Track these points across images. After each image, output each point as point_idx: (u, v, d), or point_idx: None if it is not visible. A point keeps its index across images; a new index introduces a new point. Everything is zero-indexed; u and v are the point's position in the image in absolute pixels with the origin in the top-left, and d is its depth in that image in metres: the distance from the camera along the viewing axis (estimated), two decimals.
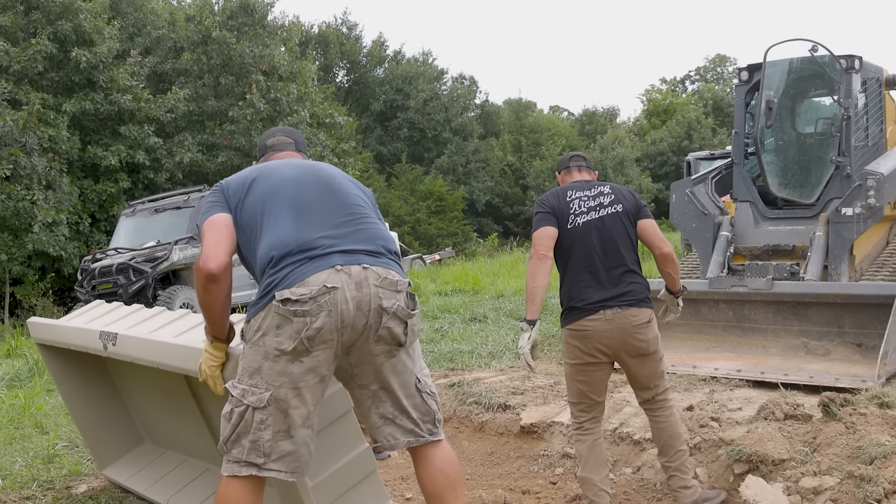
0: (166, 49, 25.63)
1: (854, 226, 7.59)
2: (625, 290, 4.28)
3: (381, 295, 3.03)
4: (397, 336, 3.10)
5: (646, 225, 4.44)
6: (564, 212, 4.39)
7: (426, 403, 3.27)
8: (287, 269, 3.00)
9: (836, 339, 6.86)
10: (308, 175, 3.30)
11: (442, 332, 9.67)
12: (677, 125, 49.13)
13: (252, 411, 2.97)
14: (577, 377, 4.40)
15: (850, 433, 4.55)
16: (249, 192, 3.23)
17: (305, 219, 3.13)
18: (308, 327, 2.92)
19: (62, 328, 4.64)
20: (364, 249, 3.10)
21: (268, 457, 2.98)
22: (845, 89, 7.99)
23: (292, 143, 3.65)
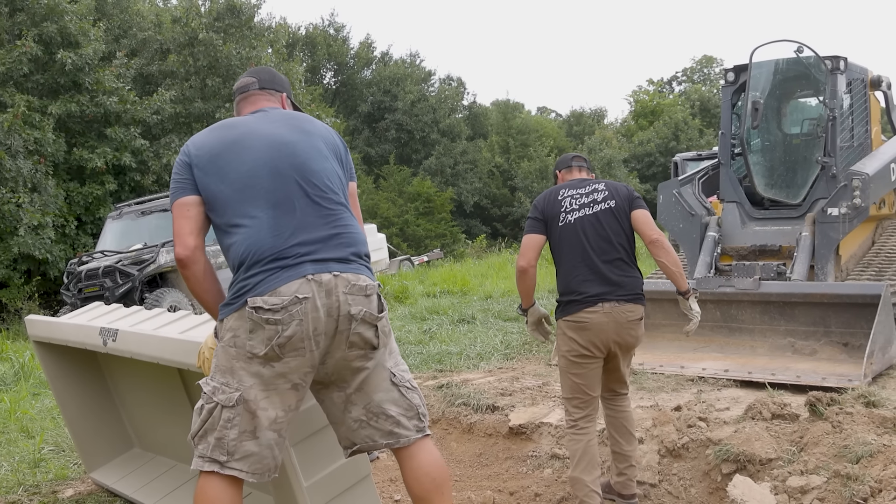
0: (152, 51, 25.49)
1: (840, 226, 7.63)
2: (623, 284, 4.37)
3: (350, 301, 3.03)
4: (369, 340, 3.11)
5: (637, 215, 4.49)
6: (555, 212, 4.46)
7: (406, 398, 3.24)
8: (259, 277, 3.00)
9: (823, 338, 6.90)
10: (284, 161, 3.16)
11: (430, 334, 9.67)
12: (664, 126, 49.21)
13: (220, 409, 3.00)
14: (573, 370, 4.42)
15: (836, 432, 4.57)
16: (219, 174, 3.13)
17: (285, 220, 3.08)
18: (279, 335, 2.95)
19: (61, 325, 4.64)
20: (335, 257, 3.08)
21: (231, 455, 2.99)
22: (830, 90, 8.04)
23: (255, 83, 3.47)
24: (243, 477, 3.01)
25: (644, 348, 7.46)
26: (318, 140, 3.29)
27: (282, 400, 3.03)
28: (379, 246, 21.07)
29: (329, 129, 3.40)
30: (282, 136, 3.23)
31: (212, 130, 3.31)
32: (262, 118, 3.32)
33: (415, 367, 7.86)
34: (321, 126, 3.39)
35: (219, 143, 3.22)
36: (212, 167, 3.17)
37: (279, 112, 3.39)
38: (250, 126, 3.27)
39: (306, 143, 3.25)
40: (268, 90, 3.49)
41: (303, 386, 3.08)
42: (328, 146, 3.31)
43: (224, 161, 3.16)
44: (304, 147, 3.22)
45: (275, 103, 3.49)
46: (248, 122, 3.31)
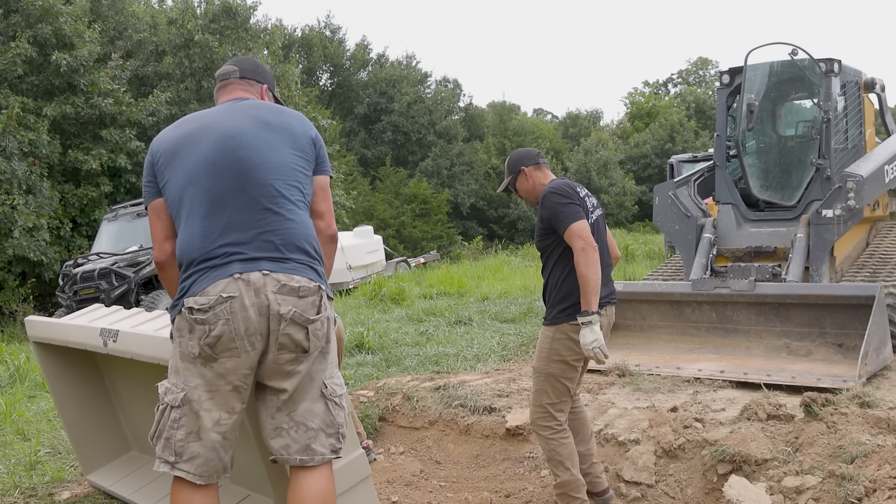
0: (148, 52, 25.47)
1: (834, 227, 7.65)
2: (613, 288, 4.54)
3: (279, 301, 2.98)
4: (299, 342, 3.03)
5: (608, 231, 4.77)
6: (585, 207, 4.39)
7: (330, 413, 3.14)
8: (192, 278, 3.03)
9: (818, 339, 6.92)
10: (226, 155, 3.12)
11: (427, 336, 9.68)
12: (660, 128, 49.33)
13: (169, 409, 3.03)
14: (569, 374, 4.39)
15: (831, 433, 4.58)
16: (171, 172, 3.17)
17: (214, 220, 3.06)
18: (207, 335, 2.95)
19: (61, 326, 4.63)
20: (267, 256, 3.03)
21: (179, 456, 3.01)
22: (825, 92, 8.06)
23: (236, 72, 3.45)
24: (190, 479, 3.01)
25: (640, 349, 7.51)
26: (278, 132, 3.22)
27: (224, 402, 3.02)
28: (375, 248, 21.09)
29: (300, 121, 3.33)
30: (231, 130, 3.18)
31: (176, 125, 3.32)
32: (227, 109, 3.29)
33: (412, 368, 7.87)
34: (291, 117, 3.31)
35: (177, 138, 3.23)
36: (167, 165, 3.20)
37: (248, 102, 3.34)
38: (209, 119, 3.25)
39: (258, 136, 3.18)
40: (247, 80, 3.47)
41: (244, 388, 3.05)
42: (289, 139, 3.23)
43: (177, 158, 3.18)
44: (251, 140, 3.16)
45: (252, 94, 3.45)
46: (210, 114, 3.29)
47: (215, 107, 3.38)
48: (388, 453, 6.16)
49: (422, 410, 6.44)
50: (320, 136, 3.37)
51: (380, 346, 9.12)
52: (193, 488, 3.02)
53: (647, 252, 20.35)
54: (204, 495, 3.04)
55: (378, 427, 6.51)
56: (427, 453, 6.12)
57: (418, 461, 6.00)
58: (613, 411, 5.77)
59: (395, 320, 11.13)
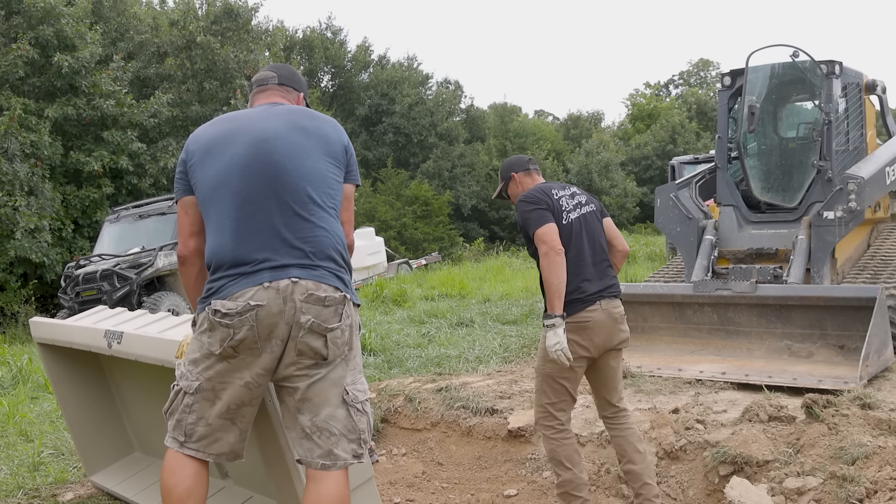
0: (149, 54, 25.46)
1: (836, 229, 7.66)
2: (610, 282, 4.49)
3: (303, 310, 3.01)
4: (317, 350, 3.06)
5: (609, 224, 4.71)
6: (557, 209, 4.44)
7: (352, 419, 3.15)
8: (222, 282, 3.07)
9: (819, 341, 6.92)
10: (259, 158, 3.15)
11: (429, 337, 9.69)
12: (661, 129, 49.25)
13: (183, 394, 3.12)
14: (564, 374, 4.38)
15: (832, 434, 4.59)
16: (203, 170, 3.20)
17: (245, 223, 3.09)
18: (231, 338, 3.01)
19: (66, 327, 4.65)
20: (297, 263, 3.06)
21: (188, 437, 3.11)
22: (826, 94, 8.07)
23: (274, 77, 3.48)
24: (200, 457, 3.12)
25: (642, 351, 7.51)
26: (312, 138, 3.23)
27: (235, 394, 3.09)
28: (377, 249, 21.11)
29: (334, 128, 3.34)
30: (266, 133, 3.20)
31: (212, 124, 3.36)
32: (264, 112, 3.32)
33: (414, 370, 7.89)
34: (325, 124, 3.33)
35: (212, 137, 3.26)
36: (200, 163, 3.23)
37: (285, 107, 3.36)
38: (244, 121, 3.28)
39: (293, 140, 3.20)
40: (286, 86, 3.50)
41: (255, 386, 3.10)
42: (323, 145, 3.25)
43: (210, 156, 3.21)
44: (285, 145, 3.18)
45: (288, 100, 3.47)
46: (247, 115, 3.32)
47: (252, 108, 3.42)
48: (391, 454, 6.18)
49: (424, 412, 6.45)
50: (351, 144, 3.40)
51: (381, 347, 9.14)
52: (187, 458, 3.11)
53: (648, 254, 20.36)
54: (194, 464, 3.12)
55: (380, 428, 6.52)
56: (429, 455, 6.13)
57: (420, 462, 6.01)
58: None
59: (397, 322, 11.15)
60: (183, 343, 3.44)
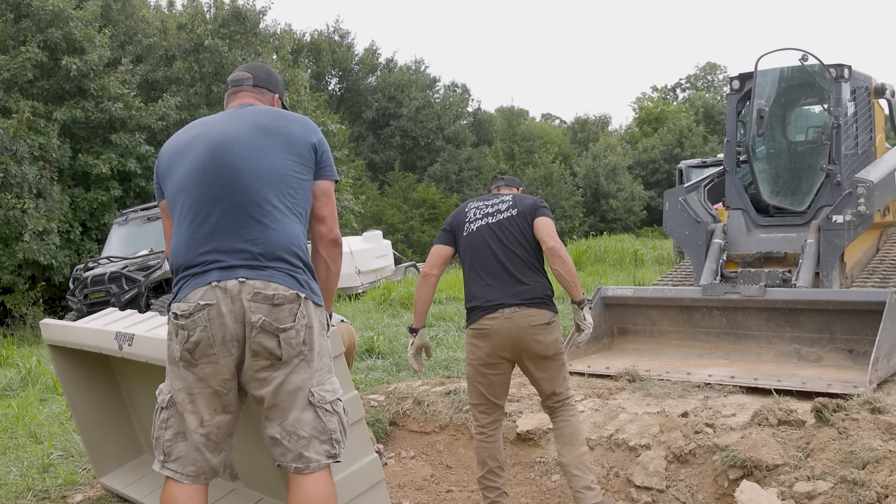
0: (158, 57, 25.55)
1: (845, 233, 7.64)
2: (523, 289, 4.37)
3: (252, 309, 3.01)
4: (271, 350, 3.04)
5: (539, 223, 4.49)
6: (461, 223, 4.59)
7: (321, 420, 3.12)
8: (178, 285, 3.14)
9: (828, 345, 6.90)
10: (216, 161, 3.15)
11: (437, 340, 9.68)
12: (669, 133, 49.23)
13: (159, 410, 3.15)
14: (478, 378, 4.49)
15: (842, 438, 4.58)
16: (170, 177, 3.27)
17: (199, 227, 3.12)
18: (187, 340, 3.03)
19: (76, 329, 4.65)
20: (245, 264, 3.06)
21: (167, 456, 3.13)
22: (835, 98, 8.05)
23: (249, 79, 3.47)
24: (177, 479, 3.12)
25: (651, 355, 7.50)
26: (273, 138, 3.21)
27: (206, 404, 3.09)
28: (384, 252, 21.10)
29: (302, 125, 3.31)
30: (224, 136, 3.20)
31: (183, 131, 3.39)
32: (229, 115, 3.33)
33: (422, 373, 7.84)
34: (291, 122, 3.30)
35: (176, 145, 3.32)
36: (167, 169, 3.30)
37: (251, 108, 3.35)
38: (206, 126, 3.31)
39: (251, 141, 3.19)
40: (260, 88, 3.49)
41: (224, 392, 3.10)
42: (284, 143, 3.22)
43: (175, 162, 3.27)
44: (242, 147, 3.17)
45: (262, 102, 3.46)
46: (210, 121, 3.35)
47: (221, 112, 3.43)
48: (399, 457, 6.18)
49: (432, 415, 6.45)
50: (325, 141, 3.36)
51: (389, 350, 9.14)
52: (181, 486, 3.12)
53: (655, 257, 20.30)
54: (190, 493, 3.12)
55: (389, 431, 6.52)
56: (438, 458, 6.13)
57: (429, 465, 6.01)
58: (624, 416, 5.76)
59: (405, 324, 11.13)
60: None
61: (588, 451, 4.57)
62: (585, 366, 7.14)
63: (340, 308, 14.15)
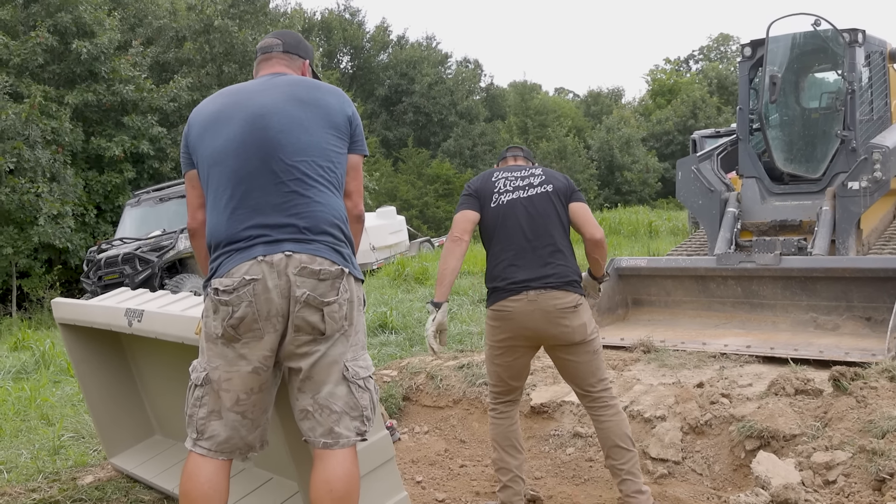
0: (168, 39, 25.54)
1: (860, 199, 7.55)
2: (551, 271, 4.08)
3: (297, 283, 2.97)
4: (314, 325, 3.01)
5: (577, 208, 4.24)
6: (488, 192, 4.27)
7: (353, 396, 3.09)
8: (219, 260, 3.07)
9: (845, 313, 6.81)
10: (255, 135, 3.10)
11: (451, 315, 9.62)
12: (682, 104, 49.00)
13: (193, 388, 3.09)
14: (497, 360, 4.26)
15: (861, 407, 4.51)
16: (202, 147, 3.18)
17: (240, 202, 3.06)
18: (231, 316, 2.97)
19: (87, 307, 4.62)
20: (292, 237, 3.02)
21: (200, 434, 3.06)
22: (849, 63, 7.94)
23: (279, 45, 3.40)
24: (211, 456, 3.06)
25: (666, 325, 7.43)
26: (311, 110, 3.16)
27: (243, 382, 3.03)
28: (399, 228, 21.05)
29: (337, 97, 3.26)
30: (263, 108, 3.14)
31: (214, 98, 3.31)
32: (263, 84, 3.26)
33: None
34: (327, 93, 3.25)
35: (212, 112, 3.23)
36: (199, 139, 3.21)
37: (285, 78, 3.29)
38: (243, 94, 3.23)
39: (290, 114, 3.14)
40: (290, 54, 3.42)
41: (263, 370, 3.05)
42: (323, 116, 3.17)
43: (209, 133, 3.18)
44: (282, 120, 3.12)
45: (293, 69, 3.40)
46: (247, 89, 3.26)
47: (253, 80, 3.36)
48: (413, 433, 6.14)
49: (446, 389, 6.40)
50: (357, 114, 3.31)
51: (403, 325, 9.10)
52: (205, 460, 3.06)
53: (671, 228, 20.20)
54: (213, 467, 3.06)
55: (402, 406, 6.48)
56: (451, 432, 6.08)
57: (443, 440, 5.96)
58: (639, 388, 5.71)
59: (419, 300, 11.10)
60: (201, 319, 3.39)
61: (637, 453, 4.24)
62: (600, 337, 7.05)
63: None
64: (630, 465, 4.14)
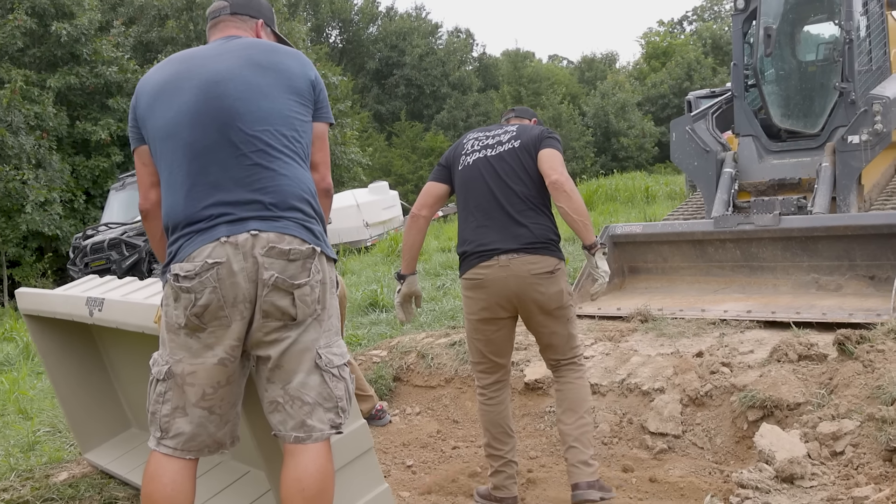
0: (150, 18, 25.28)
1: (861, 154, 7.34)
2: (521, 231, 3.81)
3: (265, 265, 2.72)
4: (284, 309, 2.75)
5: (543, 154, 3.86)
6: (458, 156, 4.06)
7: (327, 385, 2.84)
8: (178, 243, 2.79)
9: (848, 272, 6.62)
10: (210, 104, 2.82)
11: (444, 290, 9.45)
12: (677, 67, 48.90)
13: (155, 382, 2.84)
14: (476, 335, 4.00)
15: (868, 372, 4.29)
16: (152, 119, 2.91)
17: (198, 178, 2.79)
18: (194, 304, 2.72)
19: (49, 296, 4.41)
20: (257, 215, 2.76)
21: (165, 432, 2.81)
22: (846, 12, 7.69)
23: (226, 7, 3.11)
24: (178, 455, 2.82)
25: (663, 292, 7.23)
26: (271, 75, 2.89)
27: (209, 375, 2.78)
28: (392, 203, 20.86)
29: (298, 60, 2.99)
30: (217, 74, 2.86)
31: (162, 65, 3.02)
32: (216, 49, 2.98)
33: (427, 324, 7.61)
34: (287, 56, 2.97)
35: (160, 82, 2.94)
36: (149, 110, 2.92)
37: (240, 41, 3.01)
38: (195, 61, 2.94)
39: (248, 80, 2.86)
40: (239, 15, 3.12)
41: (230, 361, 2.80)
42: (284, 81, 2.91)
43: (159, 103, 2.90)
44: (238, 86, 2.84)
45: (245, 31, 3.11)
46: (198, 54, 2.98)
47: (205, 45, 3.07)
48: (404, 414, 5.94)
49: (437, 368, 6.20)
50: (321, 79, 3.05)
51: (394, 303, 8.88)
52: (168, 458, 2.82)
53: (668, 192, 19.94)
54: (177, 466, 2.82)
55: (392, 387, 6.28)
56: (444, 412, 5.90)
57: (435, 421, 5.77)
58: (636, 359, 5.50)
59: None
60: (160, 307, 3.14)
61: (591, 422, 4.02)
62: (596, 308, 6.83)
63: (348, 262, 13.91)
64: (580, 432, 3.88)
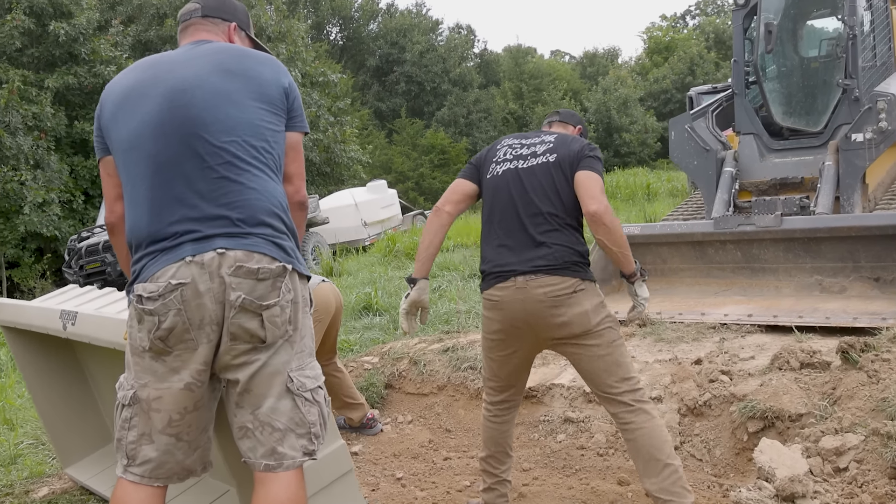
0: (149, 16, 25.19)
1: (865, 152, 7.22)
2: (542, 252, 3.50)
3: (232, 285, 2.57)
4: (253, 332, 2.60)
5: (579, 177, 3.53)
6: (488, 161, 3.79)
7: (299, 410, 2.69)
8: (142, 263, 2.65)
9: (852, 274, 6.48)
10: (175, 114, 2.67)
11: (440, 292, 9.30)
12: (679, 62, 48.77)
13: (121, 408, 2.70)
14: (490, 353, 3.76)
15: (873, 383, 4.13)
16: (116, 129, 2.77)
17: (162, 192, 2.64)
18: (158, 327, 2.57)
19: (25, 308, 4.28)
20: (224, 232, 2.61)
21: (131, 460, 2.67)
22: (849, 7, 7.57)
23: (198, 9, 2.97)
24: (145, 483, 2.68)
25: (662, 295, 7.09)
26: (240, 81, 2.74)
27: (175, 401, 2.64)
28: (390, 202, 20.73)
29: (271, 67, 2.84)
30: (184, 82, 2.71)
31: (128, 71, 2.87)
32: (186, 54, 2.83)
33: (420, 329, 7.45)
34: (258, 63, 2.82)
35: (125, 88, 2.79)
36: (112, 119, 2.77)
37: (210, 46, 2.86)
38: (162, 67, 2.79)
39: (215, 87, 2.72)
40: (211, 18, 2.98)
41: (197, 386, 2.65)
42: (255, 88, 2.76)
43: (123, 112, 2.75)
44: (205, 94, 2.69)
45: (217, 35, 2.97)
46: (166, 60, 2.83)
47: (174, 50, 2.91)
48: (396, 423, 5.81)
49: (430, 375, 6.06)
50: (295, 86, 2.90)
51: (388, 306, 8.74)
52: (135, 486, 2.68)
53: (669, 189, 19.82)
54: (144, 494, 2.68)
55: (384, 395, 6.14)
56: (436, 421, 5.76)
57: (427, 430, 5.64)
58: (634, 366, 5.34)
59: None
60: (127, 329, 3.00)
61: (679, 466, 3.48)
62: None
63: (345, 262, 13.78)
64: (670, 484, 3.41)
